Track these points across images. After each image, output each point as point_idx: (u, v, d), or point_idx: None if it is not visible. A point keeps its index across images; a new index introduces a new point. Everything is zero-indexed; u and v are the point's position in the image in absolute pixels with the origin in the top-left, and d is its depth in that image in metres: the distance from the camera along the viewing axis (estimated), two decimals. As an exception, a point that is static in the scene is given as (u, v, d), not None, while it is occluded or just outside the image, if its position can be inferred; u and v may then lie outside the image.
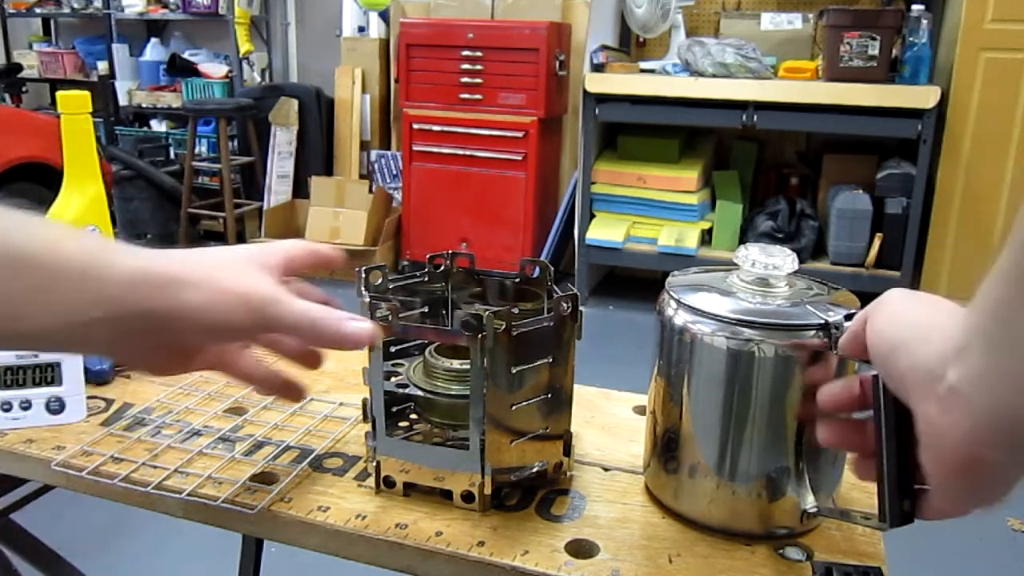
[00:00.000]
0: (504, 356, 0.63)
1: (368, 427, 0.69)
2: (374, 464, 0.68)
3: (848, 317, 0.56)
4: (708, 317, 0.61)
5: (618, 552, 0.62)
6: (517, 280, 0.78)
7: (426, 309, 0.78)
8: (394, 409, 0.72)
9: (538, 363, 0.65)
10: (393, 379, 0.72)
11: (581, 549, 0.62)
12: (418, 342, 0.75)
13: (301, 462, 0.74)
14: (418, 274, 0.78)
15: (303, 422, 0.81)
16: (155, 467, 0.72)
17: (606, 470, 0.74)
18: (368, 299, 0.66)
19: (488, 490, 0.65)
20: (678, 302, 0.65)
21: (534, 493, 0.69)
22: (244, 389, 0.89)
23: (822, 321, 0.58)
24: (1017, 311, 0.35)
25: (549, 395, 0.67)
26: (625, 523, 0.66)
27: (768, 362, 0.59)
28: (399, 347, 0.75)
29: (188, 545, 1.94)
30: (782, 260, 0.63)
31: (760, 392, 0.60)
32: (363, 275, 0.72)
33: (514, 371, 0.64)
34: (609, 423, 0.82)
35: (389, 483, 0.69)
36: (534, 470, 0.68)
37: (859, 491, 0.71)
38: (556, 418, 0.69)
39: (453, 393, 0.69)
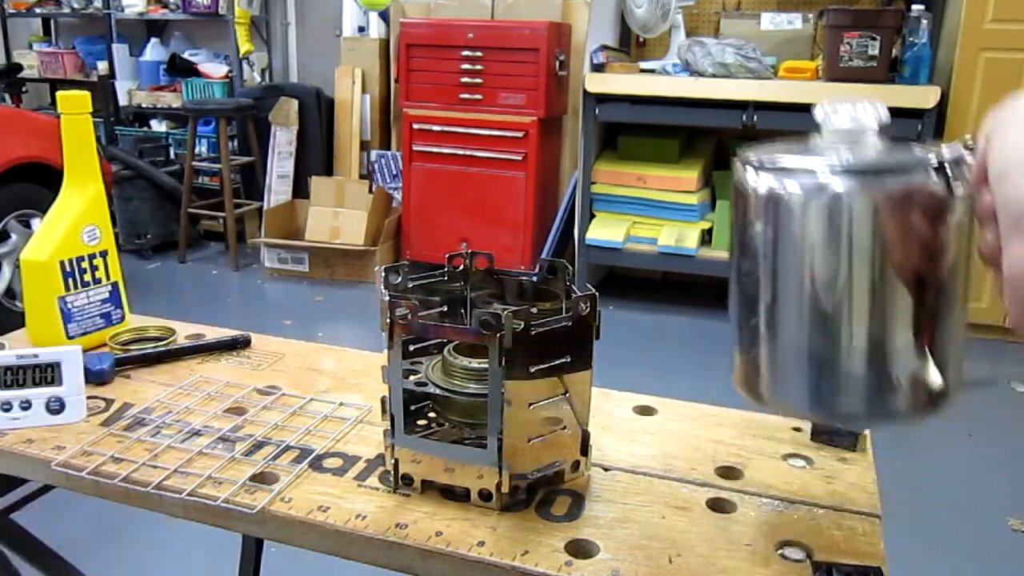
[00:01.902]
0: (522, 355, 0.63)
1: (386, 425, 0.69)
2: (392, 461, 0.69)
3: (969, 147, 0.48)
4: (797, 175, 0.51)
5: (618, 552, 0.62)
6: (535, 280, 0.78)
7: (445, 308, 0.79)
8: (412, 407, 0.72)
9: (556, 362, 0.66)
10: (412, 377, 0.72)
11: (581, 549, 0.62)
12: (437, 341, 0.75)
13: (301, 462, 0.74)
14: (436, 273, 0.78)
15: (303, 422, 0.81)
16: (155, 467, 0.72)
17: (606, 470, 0.74)
18: (388, 298, 0.66)
19: (506, 488, 0.66)
20: (758, 167, 0.53)
21: (534, 493, 0.69)
22: (244, 389, 0.89)
23: (936, 161, 0.49)
24: None
25: (567, 394, 0.67)
26: (625, 523, 0.66)
27: (876, 216, 0.49)
28: (418, 345, 0.76)
29: (188, 545, 1.94)
30: (872, 109, 0.54)
31: (870, 256, 0.50)
32: (383, 274, 0.72)
33: (532, 370, 0.64)
34: (609, 423, 0.82)
35: (407, 480, 0.69)
36: (552, 469, 0.69)
37: (858, 491, 0.71)
38: (573, 417, 0.69)
39: (471, 392, 0.70)
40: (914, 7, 3.24)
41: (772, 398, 0.57)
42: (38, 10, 5.22)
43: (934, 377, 0.53)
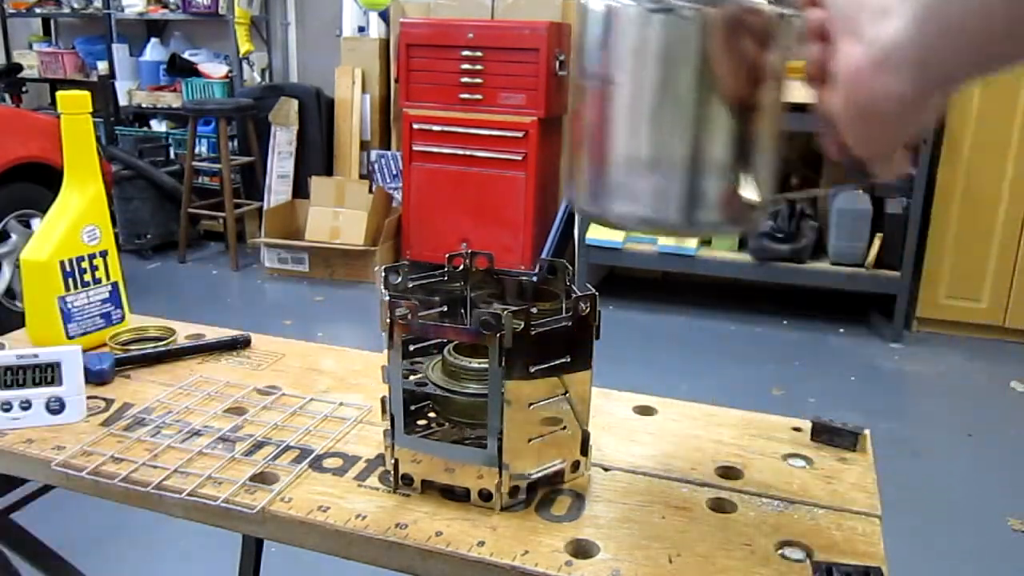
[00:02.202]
0: (522, 355, 0.63)
1: (386, 425, 0.69)
2: (392, 461, 0.69)
3: None
4: None
5: (618, 552, 0.62)
6: (535, 280, 0.78)
7: (445, 308, 0.79)
8: (412, 407, 0.72)
9: (556, 362, 0.66)
10: (412, 377, 0.72)
11: (581, 549, 0.62)
12: (437, 341, 0.75)
13: (301, 462, 0.74)
14: (436, 273, 0.78)
15: (303, 422, 0.81)
16: (155, 467, 0.72)
17: (606, 470, 0.74)
18: (388, 298, 0.66)
19: (506, 488, 0.66)
20: None
21: (534, 493, 0.69)
22: (244, 389, 0.89)
23: None
24: None
25: (567, 394, 0.67)
26: (625, 523, 0.66)
27: (712, 32, 0.52)
28: (418, 346, 0.76)
29: (188, 545, 1.94)
30: None
31: (698, 70, 0.53)
32: (383, 274, 0.72)
33: (532, 370, 0.64)
34: (609, 423, 0.82)
35: (407, 480, 0.69)
36: (552, 468, 0.69)
37: (858, 491, 0.71)
38: (573, 417, 0.69)
39: (471, 392, 0.70)
40: (914, 7, 3.24)
41: (601, 207, 0.59)
42: (38, 10, 5.22)
43: (750, 191, 0.57)
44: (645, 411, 0.86)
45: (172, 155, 4.81)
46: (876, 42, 0.38)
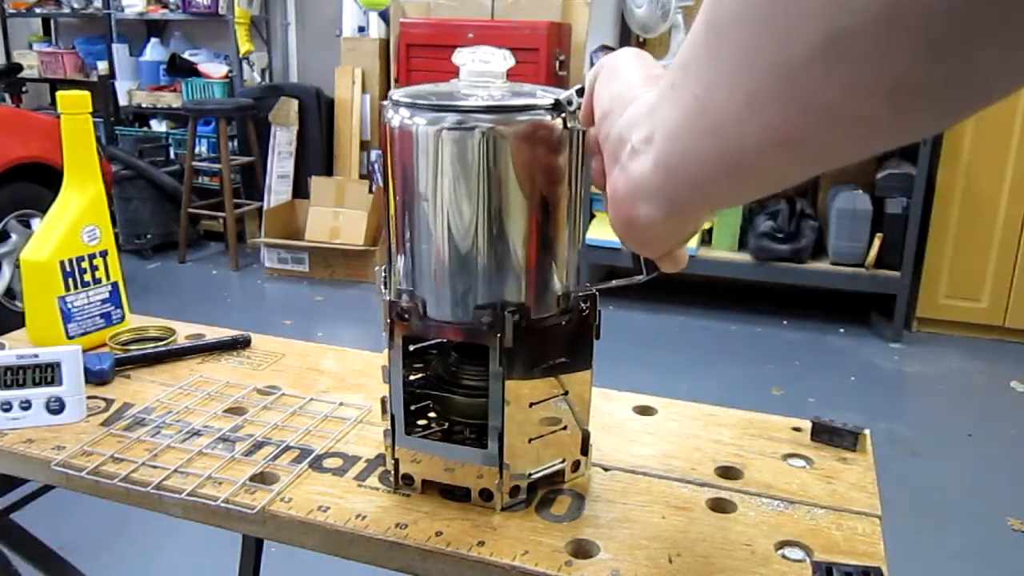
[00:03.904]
0: (523, 355, 0.63)
1: (386, 425, 0.69)
2: (392, 461, 0.69)
3: (580, 92, 0.57)
4: (430, 110, 0.59)
5: (618, 552, 0.62)
6: None
7: None
8: (412, 407, 0.72)
9: (556, 362, 0.66)
10: (412, 377, 0.72)
11: (581, 549, 0.62)
12: (437, 341, 0.75)
13: (301, 462, 0.74)
14: None
15: (303, 422, 0.81)
16: (155, 467, 0.72)
17: (606, 470, 0.74)
18: (388, 298, 0.66)
19: (506, 488, 0.66)
20: (396, 104, 0.61)
21: (534, 493, 0.69)
22: (244, 389, 0.89)
23: (552, 99, 0.59)
24: (687, 76, 0.36)
25: (567, 393, 0.67)
26: (625, 523, 0.66)
27: (500, 148, 0.58)
28: (418, 346, 0.76)
29: (188, 545, 1.94)
30: (498, 58, 0.65)
31: (495, 184, 0.59)
32: (383, 274, 0.72)
33: (532, 370, 0.64)
34: (609, 423, 0.82)
35: (407, 480, 0.69)
36: (552, 468, 0.69)
37: (858, 491, 0.71)
38: (573, 417, 0.69)
39: (472, 391, 0.70)
40: (914, 7, 3.24)
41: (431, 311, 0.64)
42: (38, 10, 5.22)
43: (556, 284, 0.64)
44: (645, 411, 0.86)
45: (172, 155, 4.81)
46: (631, 174, 0.43)
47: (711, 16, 0.33)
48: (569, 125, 0.59)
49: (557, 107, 0.59)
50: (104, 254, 1.01)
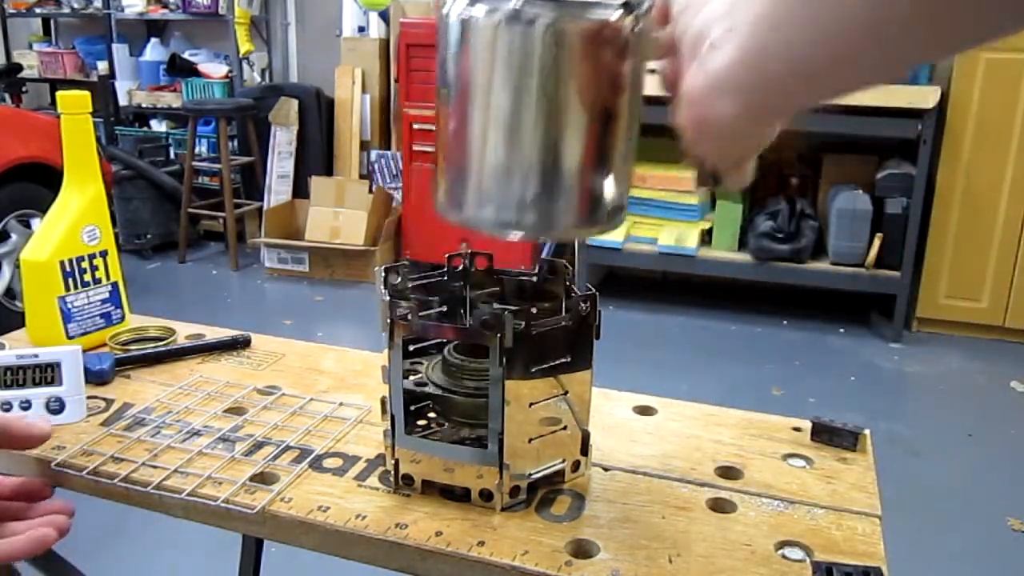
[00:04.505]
0: (523, 355, 0.63)
1: (386, 425, 0.69)
2: (392, 461, 0.69)
3: None
4: (497, 2, 0.54)
5: (618, 552, 0.62)
6: (535, 280, 0.78)
7: (444, 308, 0.78)
8: (413, 407, 0.73)
9: (556, 362, 0.66)
10: (412, 377, 0.72)
11: (581, 549, 0.62)
12: (437, 341, 0.75)
13: (301, 462, 0.74)
14: (436, 273, 0.78)
15: (303, 422, 0.81)
16: (155, 467, 0.72)
17: (606, 470, 0.74)
18: (387, 298, 0.66)
19: (506, 488, 0.66)
20: None
21: (534, 493, 0.69)
22: (244, 389, 0.89)
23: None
24: None
25: (567, 393, 0.67)
26: (625, 523, 0.66)
27: (563, 46, 0.53)
28: (418, 346, 0.76)
29: (188, 545, 1.94)
30: None
31: (552, 85, 0.54)
32: (382, 274, 0.72)
33: (532, 370, 0.64)
34: (609, 423, 0.82)
35: (407, 480, 0.69)
36: (552, 468, 0.69)
37: (858, 491, 0.71)
38: (574, 417, 0.69)
39: (471, 391, 0.70)
40: (914, 7, 3.24)
41: (467, 215, 0.59)
42: (38, 10, 5.22)
43: (608, 195, 0.58)
44: (645, 411, 0.86)
45: (172, 155, 4.81)
46: (710, 69, 0.42)
47: None
48: (637, 28, 0.54)
49: (627, 7, 0.54)
50: (104, 254, 1.01)
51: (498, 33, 0.54)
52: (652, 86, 0.59)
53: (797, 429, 0.82)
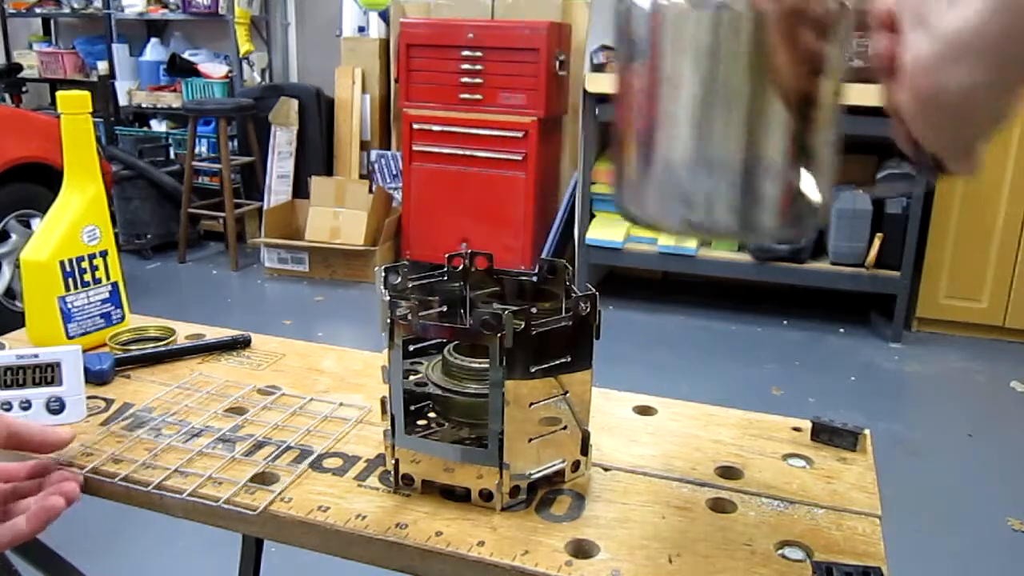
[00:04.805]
0: (523, 355, 0.63)
1: (386, 425, 0.69)
2: (392, 461, 0.69)
3: None
4: None
5: (618, 552, 0.62)
6: (535, 280, 0.78)
7: (445, 308, 0.78)
8: (412, 407, 0.73)
9: (556, 362, 0.66)
10: (412, 377, 0.72)
11: (581, 549, 0.62)
12: (436, 341, 0.76)
13: (301, 462, 0.74)
14: (436, 273, 0.78)
15: (303, 422, 0.81)
16: (155, 467, 0.72)
17: (606, 470, 0.74)
18: (387, 298, 0.66)
19: (507, 488, 0.66)
20: None
21: (534, 493, 0.69)
22: (244, 389, 0.89)
23: None
24: None
25: (567, 394, 0.67)
26: (625, 523, 0.66)
27: (770, 23, 0.49)
28: (418, 346, 0.76)
29: (188, 545, 1.94)
30: None
31: (749, 63, 0.50)
32: (382, 274, 0.72)
33: (533, 370, 0.64)
34: (609, 423, 0.82)
35: (407, 480, 0.69)
36: (552, 468, 0.69)
37: (858, 491, 0.71)
38: (574, 417, 0.69)
39: (471, 391, 0.70)
40: (914, 7, 3.24)
41: (652, 213, 0.55)
42: (38, 10, 5.22)
43: (810, 192, 0.53)
44: (645, 411, 0.86)
45: (172, 155, 4.81)
46: (943, 31, 0.36)
47: None
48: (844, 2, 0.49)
49: None
50: (104, 254, 1.01)
51: (690, 17, 0.50)
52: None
53: (797, 429, 0.82)
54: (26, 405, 0.80)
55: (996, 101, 0.38)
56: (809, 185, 0.52)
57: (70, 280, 0.97)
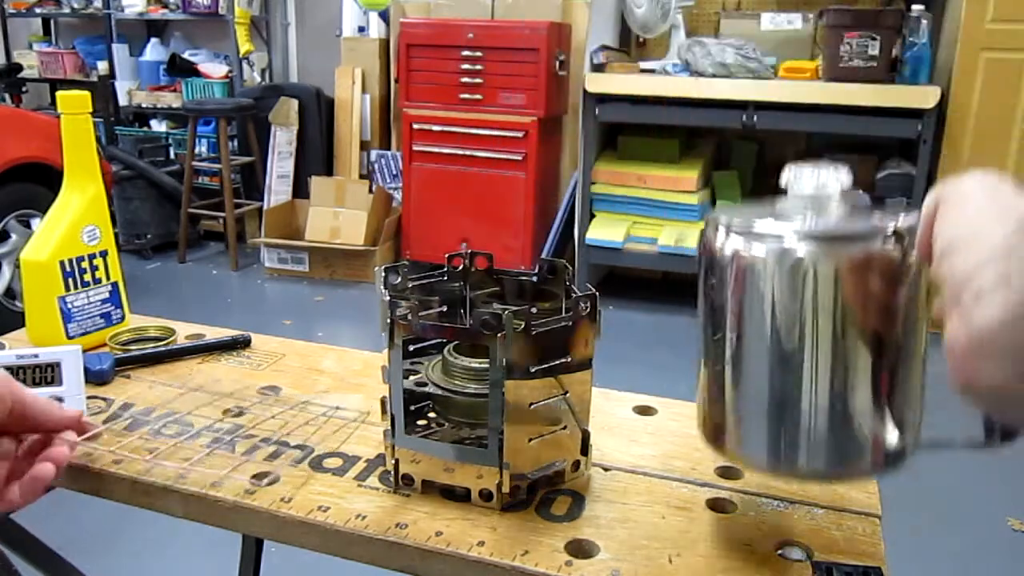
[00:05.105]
0: (523, 355, 0.63)
1: (386, 425, 0.69)
2: (392, 461, 0.69)
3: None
4: (762, 239, 0.53)
5: (618, 552, 0.62)
6: (535, 280, 0.78)
7: (445, 308, 0.79)
8: (412, 407, 0.73)
9: (556, 362, 0.66)
10: (412, 377, 0.72)
11: (581, 549, 0.62)
12: (436, 341, 0.76)
13: (301, 462, 0.74)
14: (436, 273, 0.78)
15: (303, 422, 0.81)
16: (155, 467, 0.72)
17: (606, 470, 0.74)
18: (387, 298, 0.66)
19: (507, 488, 0.66)
20: (727, 229, 0.56)
21: (534, 493, 0.69)
22: (244, 389, 0.89)
23: (891, 228, 0.51)
24: None
25: (567, 394, 0.67)
26: (625, 523, 0.66)
27: (835, 279, 0.52)
28: (418, 346, 0.76)
29: (188, 545, 1.94)
30: (835, 176, 0.57)
31: (830, 317, 0.52)
32: (382, 274, 0.72)
33: (533, 370, 0.64)
34: (609, 423, 0.82)
35: (407, 481, 0.69)
36: (552, 468, 0.69)
37: (857, 491, 0.71)
38: (574, 417, 0.69)
39: (471, 391, 0.70)
40: (914, 7, 3.24)
41: (734, 452, 0.59)
42: (38, 10, 5.22)
43: (892, 436, 0.55)
44: (645, 411, 0.86)
45: (172, 155, 4.81)
46: (975, 325, 0.36)
47: None
48: (909, 256, 0.51)
49: (897, 236, 0.51)
50: (104, 254, 1.01)
51: (769, 269, 0.53)
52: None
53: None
54: (26, 405, 0.79)
55: None
56: (892, 431, 0.55)
57: (70, 280, 0.97)
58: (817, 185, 0.56)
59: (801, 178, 0.56)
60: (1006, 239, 0.35)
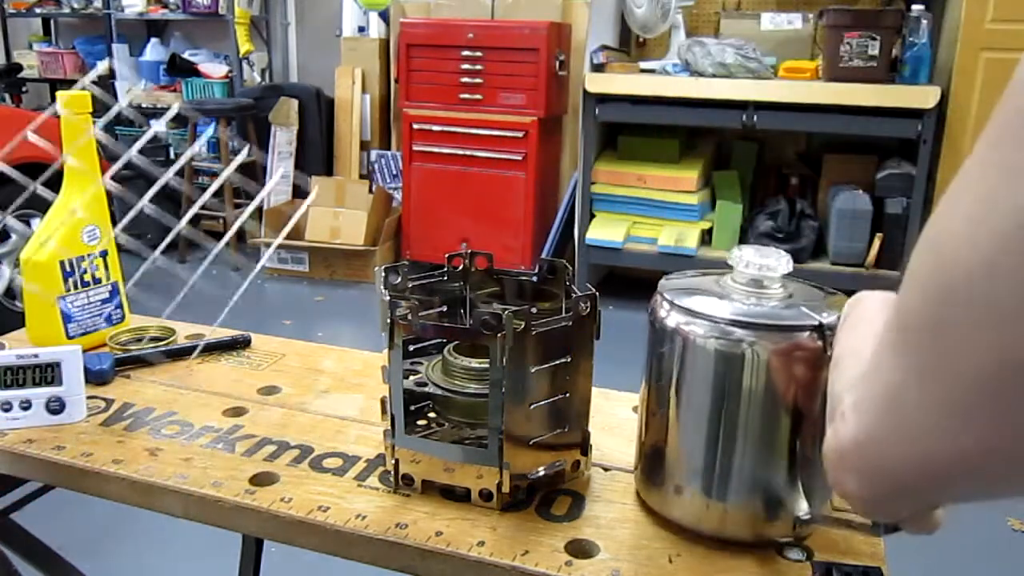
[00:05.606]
0: (523, 355, 0.63)
1: (386, 425, 0.69)
2: (392, 461, 0.69)
3: None
4: (700, 318, 0.60)
5: (618, 552, 0.62)
6: (535, 280, 0.79)
7: (445, 308, 0.79)
8: (413, 407, 0.73)
9: (556, 362, 0.66)
10: (412, 377, 0.72)
11: (581, 549, 0.62)
12: (436, 341, 0.76)
13: (301, 462, 0.74)
14: (436, 273, 0.78)
15: (303, 422, 0.81)
16: (155, 467, 0.72)
17: (606, 470, 0.74)
18: (387, 298, 0.66)
19: (507, 488, 0.66)
20: (671, 304, 0.62)
21: (534, 493, 0.69)
22: (244, 389, 0.89)
23: (816, 322, 0.57)
24: (880, 362, 0.33)
25: (567, 394, 0.67)
26: (625, 523, 0.66)
27: (761, 364, 0.58)
28: (418, 346, 0.76)
29: (188, 545, 1.94)
30: (776, 261, 0.62)
31: (753, 396, 0.59)
32: (382, 274, 0.72)
33: (533, 370, 0.64)
34: (609, 423, 0.82)
35: (407, 481, 0.69)
36: (552, 469, 0.69)
37: (859, 491, 0.71)
38: (574, 417, 0.69)
39: (472, 392, 0.70)
40: (914, 7, 3.24)
41: (666, 511, 0.65)
42: (38, 10, 5.22)
43: (802, 506, 0.61)
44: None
45: (172, 155, 4.81)
46: (839, 439, 0.38)
47: (900, 319, 0.31)
48: (828, 348, 0.57)
49: (820, 329, 0.57)
50: (104, 254, 1.01)
51: (710, 352, 0.60)
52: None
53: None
54: (26, 405, 0.80)
55: (885, 509, 0.40)
56: (800, 500, 0.61)
57: (70, 280, 0.97)
58: (760, 267, 0.61)
59: (744, 259, 0.62)
60: (863, 369, 0.37)
